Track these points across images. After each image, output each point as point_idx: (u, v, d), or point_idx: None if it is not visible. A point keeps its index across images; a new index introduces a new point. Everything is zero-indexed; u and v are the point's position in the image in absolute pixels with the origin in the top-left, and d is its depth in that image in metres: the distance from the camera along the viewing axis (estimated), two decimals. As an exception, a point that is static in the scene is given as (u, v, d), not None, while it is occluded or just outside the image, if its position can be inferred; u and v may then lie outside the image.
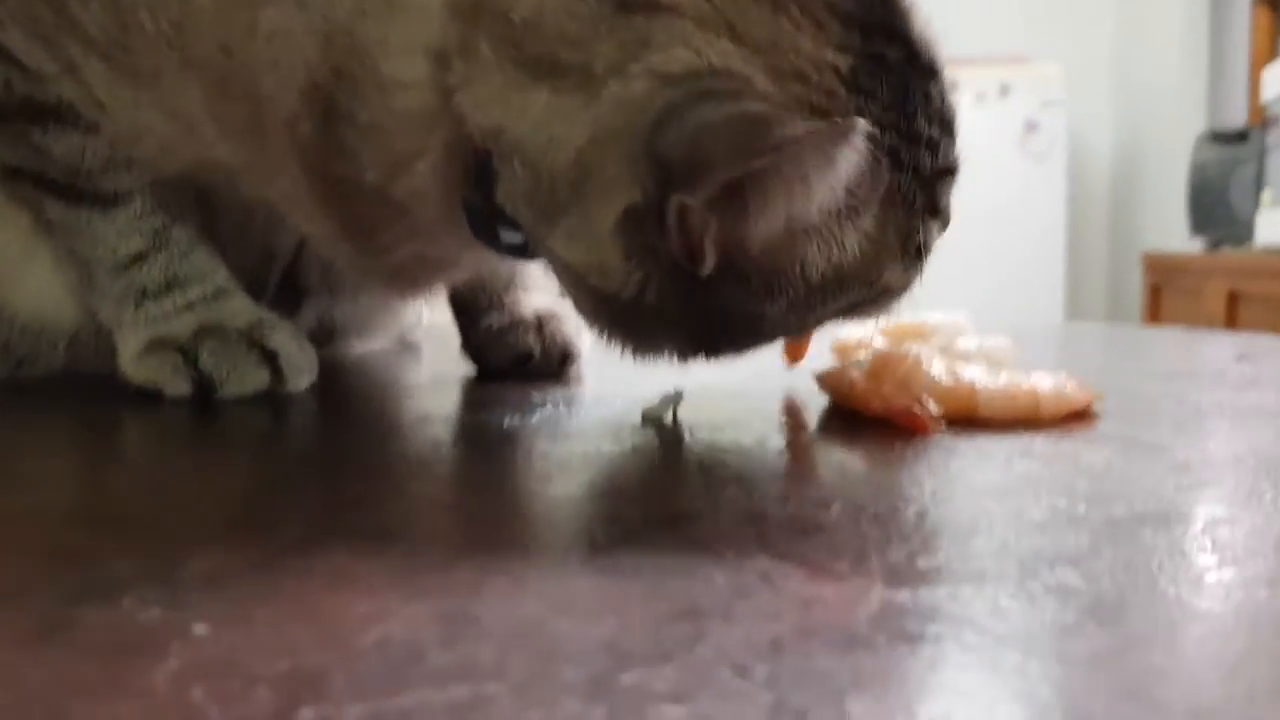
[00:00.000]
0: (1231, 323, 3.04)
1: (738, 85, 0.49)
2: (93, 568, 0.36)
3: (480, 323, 0.80)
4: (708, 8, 0.50)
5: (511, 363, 0.78)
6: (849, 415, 0.61)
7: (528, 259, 0.62)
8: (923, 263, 0.56)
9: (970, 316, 0.76)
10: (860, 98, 0.51)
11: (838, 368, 0.63)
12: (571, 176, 0.51)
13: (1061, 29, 4.64)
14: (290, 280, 0.78)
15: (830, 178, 0.48)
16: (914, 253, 0.54)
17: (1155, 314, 3.75)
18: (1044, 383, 0.59)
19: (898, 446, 0.53)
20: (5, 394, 0.73)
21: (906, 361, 0.60)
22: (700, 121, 0.47)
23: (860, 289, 0.54)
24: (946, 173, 0.55)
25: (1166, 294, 3.71)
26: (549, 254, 0.55)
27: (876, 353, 0.63)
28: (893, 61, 0.52)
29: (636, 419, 0.60)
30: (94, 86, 0.62)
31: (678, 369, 0.57)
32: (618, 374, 0.73)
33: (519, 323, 0.79)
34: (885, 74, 0.51)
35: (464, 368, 0.81)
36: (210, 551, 0.37)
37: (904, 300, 0.58)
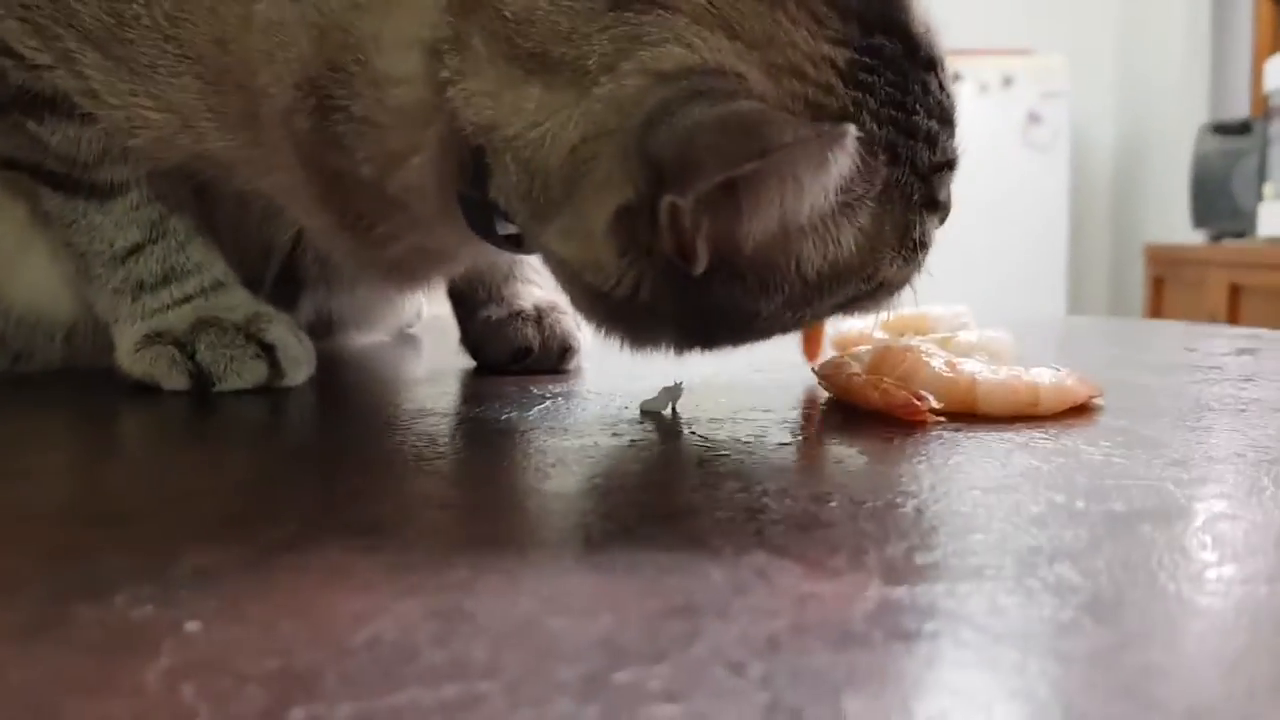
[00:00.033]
0: (1233, 315, 3.04)
1: (732, 84, 0.48)
2: (87, 564, 0.36)
3: (478, 315, 0.80)
4: (703, 3, 0.49)
5: (510, 356, 0.77)
6: (849, 409, 0.60)
7: (524, 252, 0.62)
8: (921, 257, 0.55)
9: (971, 310, 0.75)
10: (858, 92, 0.50)
11: (837, 361, 0.63)
12: (564, 174, 0.50)
13: (1064, 20, 4.63)
14: (288, 273, 0.78)
15: (822, 179, 0.48)
16: (912, 247, 0.54)
17: (1157, 306, 3.75)
18: (1044, 377, 0.58)
19: (897, 440, 0.53)
20: (3, 388, 0.73)
21: (906, 355, 0.60)
22: (691, 121, 0.47)
23: (858, 284, 0.54)
24: (945, 166, 0.54)
25: (1168, 286, 3.71)
26: (543, 249, 0.55)
27: (876, 346, 0.62)
28: (891, 54, 0.51)
29: (635, 413, 0.60)
30: (90, 78, 0.62)
31: (677, 362, 0.57)
32: (617, 367, 0.73)
33: (518, 315, 0.78)
34: (883, 67, 0.51)
35: (463, 361, 0.81)
36: (205, 547, 0.37)
37: (903, 294, 0.58)
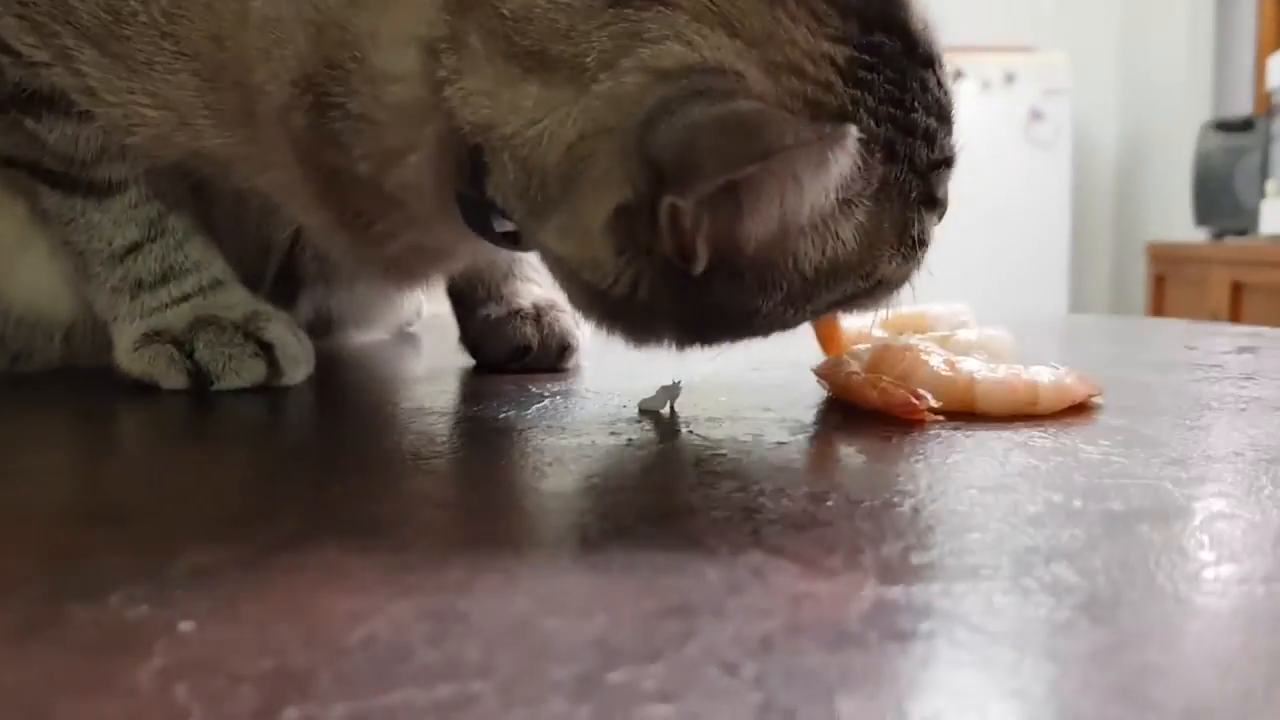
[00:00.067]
0: (1236, 312, 3.03)
1: (730, 83, 0.48)
2: (83, 563, 0.36)
3: (478, 314, 0.80)
4: (702, 0, 0.49)
5: (509, 355, 0.77)
6: (847, 408, 0.60)
7: (522, 250, 0.62)
8: (920, 254, 0.55)
9: (971, 308, 0.75)
10: (857, 90, 0.50)
11: (836, 360, 0.63)
12: (562, 172, 0.50)
13: (1067, 17, 4.62)
14: (287, 271, 0.78)
15: (823, 179, 0.48)
16: (911, 244, 0.54)
17: (1159, 304, 3.75)
18: (1043, 375, 0.58)
19: (895, 439, 0.53)
20: (2, 388, 0.73)
21: (905, 354, 0.59)
22: (690, 122, 0.46)
23: (856, 281, 0.54)
24: (943, 163, 0.54)
25: (1170, 284, 3.71)
26: (541, 247, 0.55)
27: (875, 345, 0.62)
28: (890, 52, 0.51)
29: (634, 412, 0.60)
30: (87, 75, 0.62)
31: (676, 360, 0.57)
32: (616, 366, 0.73)
33: (516, 314, 0.78)
34: (882, 65, 0.51)
35: (462, 359, 0.81)
36: (201, 547, 0.37)
37: (902, 292, 0.57)
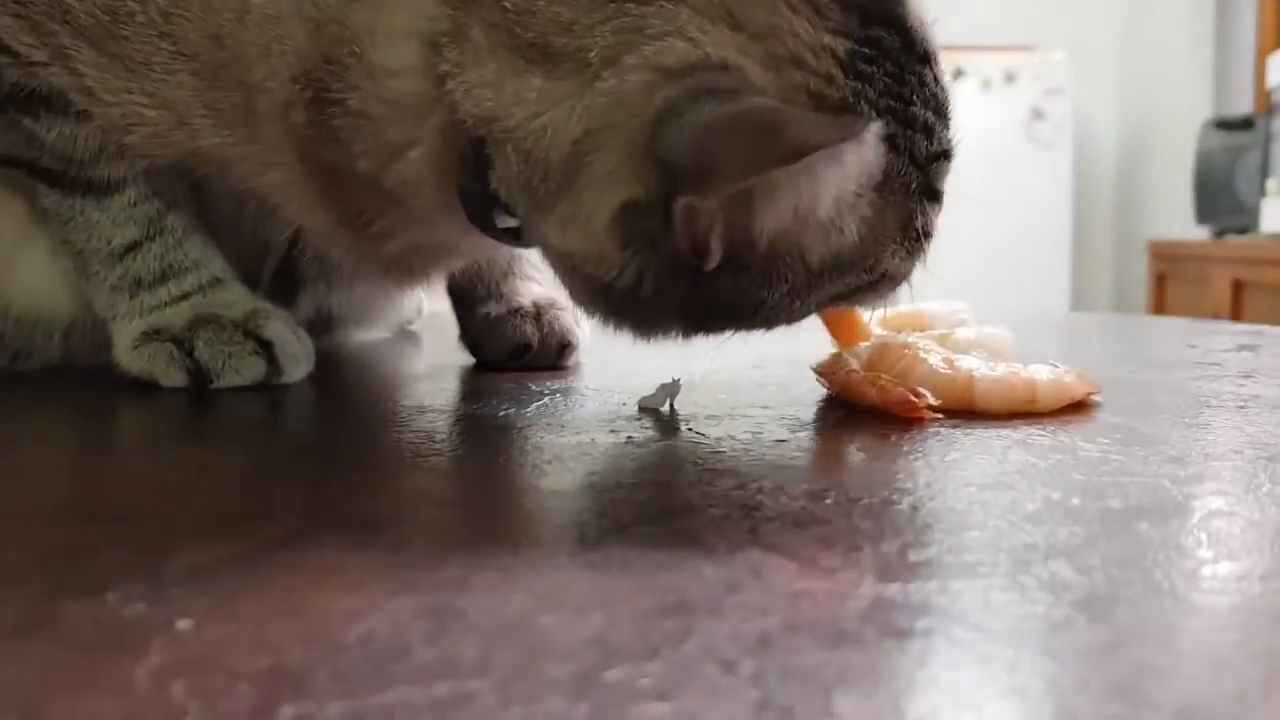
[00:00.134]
0: (1237, 310, 3.03)
1: (734, 80, 0.49)
2: (81, 561, 0.36)
3: (478, 312, 0.80)
4: None
5: (509, 353, 0.77)
6: (847, 406, 0.60)
7: (524, 246, 0.62)
8: (922, 248, 0.56)
9: (971, 306, 0.75)
10: (857, 82, 0.51)
11: (835, 358, 0.63)
12: (566, 167, 0.50)
13: (1067, 16, 4.62)
14: (287, 270, 0.78)
15: (839, 174, 0.48)
16: (915, 237, 0.55)
17: (1160, 302, 3.75)
18: (1042, 373, 0.58)
19: (894, 437, 0.53)
20: (1, 385, 0.73)
21: (904, 352, 0.59)
22: (703, 122, 0.47)
23: (860, 274, 0.54)
24: (942, 156, 0.55)
25: (1171, 282, 3.70)
26: (543, 242, 0.55)
27: (874, 343, 0.62)
28: (889, 46, 0.52)
29: (633, 410, 0.60)
30: (85, 75, 0.62)
31: (676, 359, 0.57)
32: (615, 364, 0.73)
33: (516, 312, 0.78)
34: (882, 59, 0.51)
35: (462, 358, 0.81)
36: (199, 545, 0.37)
37: (904, 287, 0.58)
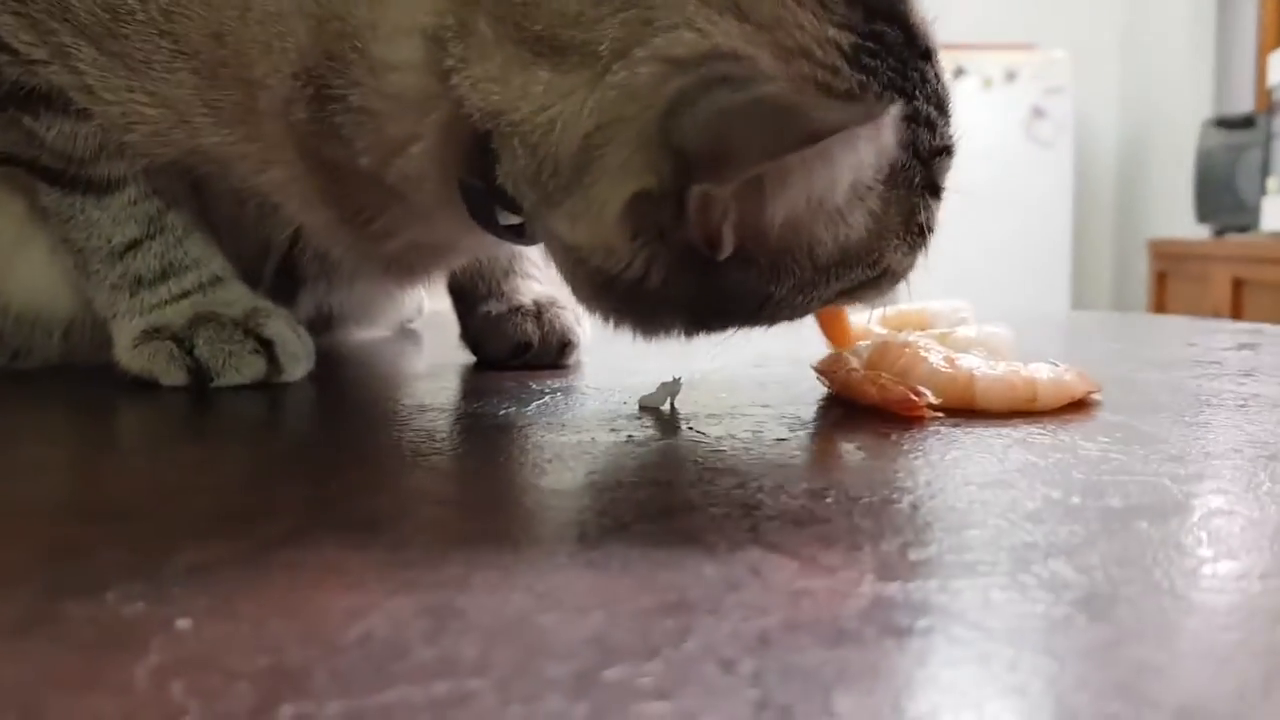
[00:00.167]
0: (1237, 309, 3.03)
1: (746, 68, 0.49)
2: (81, 560, 0.36)
3: (478, 310, 0.80)
4: None
5: (510, 351, 0.77)
6: (847, 404, 0.60)
7: (526, 243, 0.62)
8: (923, 243, 0.56)
9: (971, 305, 0.75)
10: (862, 75, 0.51)
11: (836, 357, 0.63)
12: (577, 160, 0.51)
13: (1068, 15, 4.62)
14: (287, 268, 0.78)
15: (853, 160, 0.48)
16: (915, 232, 0.55)
17: (1161, 301, 3.74)
18: (1042, 372, 0.58)
19: (895, 436, 0.53)
20: (1, 384, 0.73)
21: (904, 351, 0.59)
22: (717, 109, 0.47)
23: (864, 270, 0.54)
24: (944, 152, 0.55)
25: (1172, 281, 3.70)
26: (549, 235, 0.55)
27: (875, 342, 0.62)
28: (892, 41, 0.52)
29: (634, 408, 0.60)
30: (85, 73, 0.62)
31: (677, 357, 0.57)
32: (616, 363, 0.73)
33: (517, 310, 0.78)
34: (885, 53, 0.52)
35: (463, 356, 0.81)
36: (199, 544, 0.37)
37: (904, 284, 0.58)
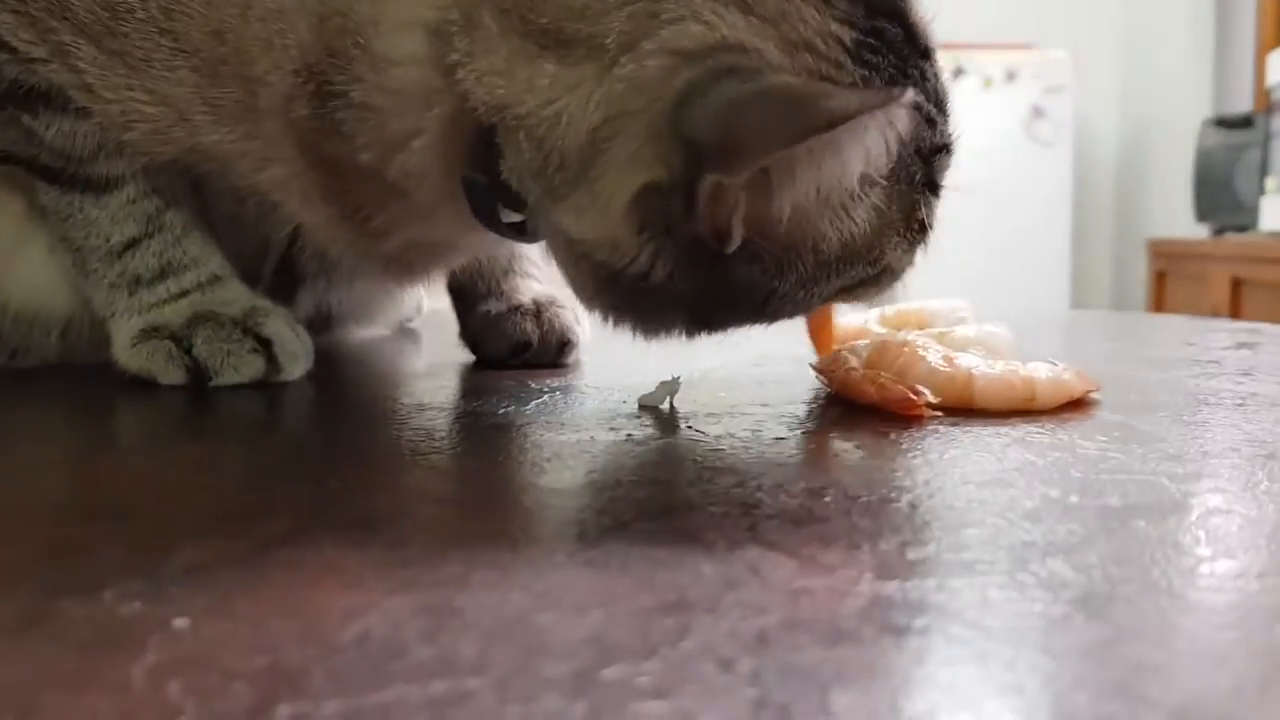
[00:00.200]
0: (1236, 309, 3.03)
1: (753, 60, 0.49)
2: (78, 559, 0.35)
3: (478, 310, 0.80)
4: None
5: (509, 350, 0.77)
6: (846, 404, 0.60)
7: (528, 240, 0.62)
8: (922, 241, 0.56)
9: (970, 304, 0.75)
10: (865, 70, 0.51)
11: (835, 356, 0.63)
12: (583, 153, 0.51)
13: (1067, 15, 4.62)
14: (286, 267, 0.78)
15: (860, 151, 0.48)
16: (915, 229, 0.55)
17: (1160, 300, 3.75)
18: (1041, 371, 0.58)
19: (893, 435, 0.53)
20: (0, 383, 0.73)
21: (903, 350, 0.59)
22: (729, 99, 0.47)
23: (864, 266, 0.55)
24: (943, 150, 0.55)
25: (1171, 280, 3.70)
26: (553, 231, 0.55)
27: (874, 341, 0.62)
28: (892, 38, 0.52)
29: (633, 407, 0.60)
30: (84, 72, 0.61)
31: (677, 356, 0.57)
32: (615, 362, 0.73)
33: (516, 309, 0.78)
34: (885, 50, 0.52)
35: (462, 355, 0.81)
36: (197, 543, 0.37)
37: (902, 282, 0.58)
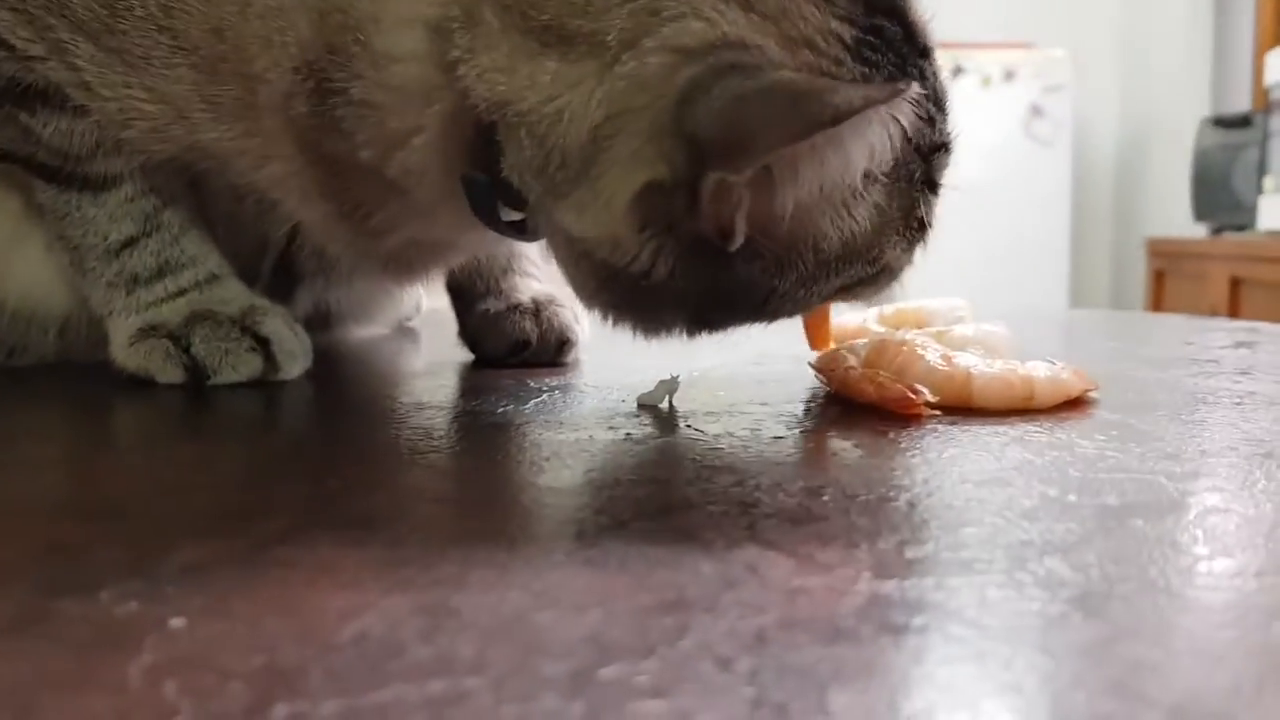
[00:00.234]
0: (1234, 308, 3.03)
1: (756, 56, 0.49)
2: (75, 558, 0.35)
3: (477, 308, 0.80)
4: None
5: (508, 349, 0.77)
6: (845, 402, 0.60)
7: (528, 239, 0.62)
8: (921, 239, 0.56)
9: (969, 303, 0.75)
10: (865, 68, 0.51)
11: (833, 354, 0.63)
12: (585, 151, 0.51)
13: (1066, 14, 4.62)
14: (285, 266, 0.78)
15: (863, 147, 0.48)
16: (914, 227, 0.55)
17: (1158, 299, 3.75)
18: (1039, 370, 0.58)
19: (892, 434, 0.53)
20: (-2, 381, 0.73)
21: (902, 349, 0.59)
22: (733, 95, 0.47)
23: (863, 265, 0.55)
24: (943, 148, 0.55)
25: (1170, 279, 3.70)
26: (554, 229, 0.55)
27: (873, 340, 0.62)
28: (891, 36, 0.52)
29: (632, 406, 0.60)
30: (83, 70, 0.61)
31: (676, 355, 0.57)
32: (614, 361, 0.73)
33: (516, 308, 0.78)
34: (885, 48, 0.52)
35: (461, 354, 0.81)
36: (194, 543, 0.36)
37: (900, 282, 0.58)
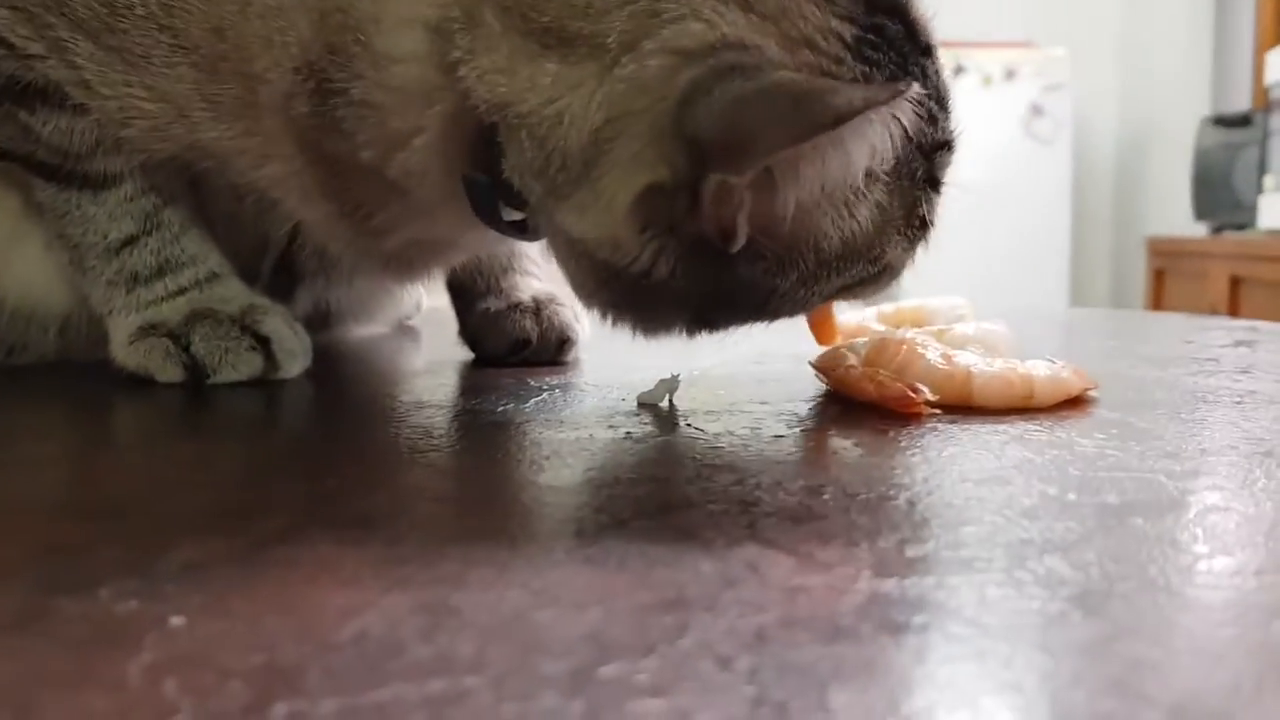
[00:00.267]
0: (1234, 307, 3.04)
1: (756, 57, 0.49)
2: (75, 557, 0.35)
3: (477, 307, 0.80)
4: None
5: (508, 348, 0.77)
6: (845, 401, 0.60)
7: (529, 239, 0.62)
8: (922, 238, 0.56)
9: (969, 302, 0.75)
10: (865, 66, 0.51)
11: (834, 353, 0.63)
12: (586, 153, 0.51)
13: (1066, 13, 4.62)
14: (285, 265, 0.78)
15: (865, 147, 0.48)
16: (916, 225, 0.55)
17: (1158, 298, 3.75)
18: (1039, 369, 0.58)
19: (892, 433, 0.53)
20: (-2, 380, 0.73)
21: (902, 347, 0.59)
22: (733, 97, 0.47)
23: (865, 264, 0.55)
24: (945, 147, 0.55)
25: (1170, 278, 3.71)
26: (555, 229, 0.55)
27: (873, 339, 0.62)
28: (892, 34, 0.52)
29: (632, 405, 0.60)
30: (82, 68, 0.61)
31: (677, 354, 0.57)
32: (615, 359, 0.73)
33: (516, 307, 0.78)
34: (886, 46, 0.52)
35: (461, 353, 0.81)
36: (194, 541, 0.36)
37: (900, 280, 0.58)
